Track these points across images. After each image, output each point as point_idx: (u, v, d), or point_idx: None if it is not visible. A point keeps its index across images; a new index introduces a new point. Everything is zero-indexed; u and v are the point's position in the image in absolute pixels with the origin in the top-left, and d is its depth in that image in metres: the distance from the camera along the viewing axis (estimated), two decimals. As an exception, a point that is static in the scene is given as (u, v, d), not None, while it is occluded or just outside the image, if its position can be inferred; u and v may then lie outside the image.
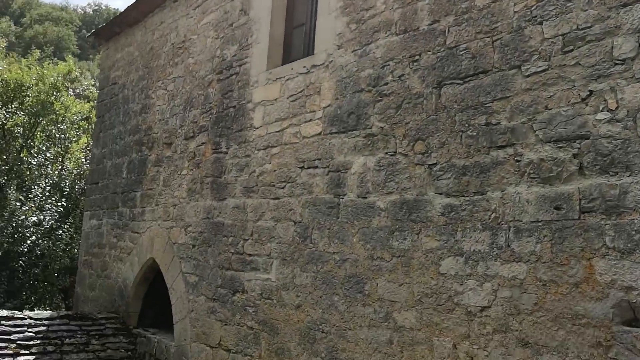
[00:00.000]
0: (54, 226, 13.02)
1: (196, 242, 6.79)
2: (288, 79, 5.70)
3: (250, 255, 5.86)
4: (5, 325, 7.25)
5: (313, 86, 5.37)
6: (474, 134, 3.87)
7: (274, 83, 5.89)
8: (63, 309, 12.15)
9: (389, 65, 4.62)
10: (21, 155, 14.94)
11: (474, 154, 3.85)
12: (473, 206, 3.80)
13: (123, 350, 7.58)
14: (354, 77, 4.93)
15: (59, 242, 12.71)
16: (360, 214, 4.64)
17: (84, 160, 15.34)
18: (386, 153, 4.51)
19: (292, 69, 5.67)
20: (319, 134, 5.21)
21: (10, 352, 6.87)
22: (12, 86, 14.71)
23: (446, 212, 3.97)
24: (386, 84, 4.61)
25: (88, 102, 18.91)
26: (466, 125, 3.93)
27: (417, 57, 4.39)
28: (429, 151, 4.16)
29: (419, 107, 4.30)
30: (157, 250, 7.60)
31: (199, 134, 7.06)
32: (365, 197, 4.62)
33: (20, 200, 12.86)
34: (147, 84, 8.45)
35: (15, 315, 7.57)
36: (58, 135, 15.51)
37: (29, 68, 16.04)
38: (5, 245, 11.86)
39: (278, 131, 5.71)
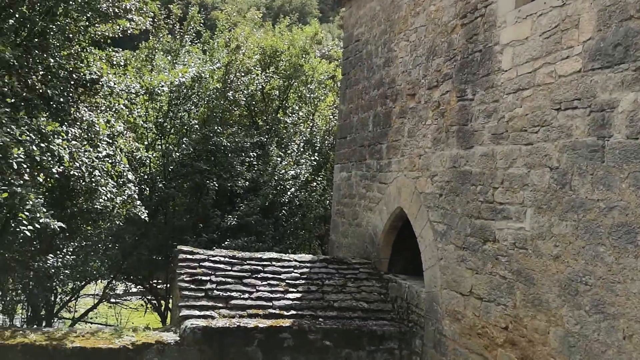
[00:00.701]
0: (309, 179, 14.25)
1: (443, 192, 6.81)
2: (540, 15, 5.28)
3: (500, 203, 5.69)
4: (276, 266, 8.21)
5: (570, 19, 4.89)
6: None
7: (524, 21, 5.52)
8: (320, 254, 13.32)
9: (666, -17, 3.98)
10: (278, 115, 16.52)
11: None
12: None
13: (376, 294, 8.04)
14: (621, 4, 4.35)
15: (313, 193, 13.90)
16: (631, 156, 4.16)
17: (331, 117, 16.38)
18: (664, 86, 3.94)
19: (544, 3, 5.23)
20: (578, 71, 4.76)
21: (281, 289, 7.76)
22: (268, 53, 16.28)
23: None
24: (663, 6, 3.99)
25: (331, 62, 19.99)
26: None
27: None
28: None
29: None
30: (405, 200, 7.82)
31: (442, 82, 6.98)
32: (637, 138, 4.12)
33: (280, 156, 14.32)
34: (389, 37, 8.59)
35: (283, 258, 8.52)
36: (308, 95, 16.79)
37: (281, 35, 17.55)
38: (270, 196, 13.35)
39: (529, 72, 5.36)
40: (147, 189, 12.78)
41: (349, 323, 7.29)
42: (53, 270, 10.36)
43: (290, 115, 16.42)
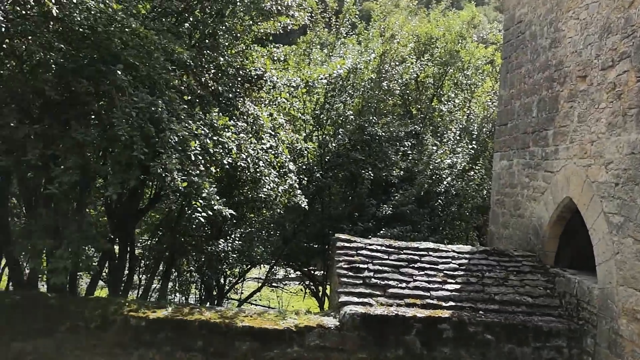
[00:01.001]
0: (466, 168, 13.85)
1: (619, 180, 6.26)
2: None
3: (691, 194, 5.10)
4: (433, 256, 8.10)
5: None
6: None
7: None
8: (478, 245, 12.92)
9: None
10: (432, 103, 16.24)
11: None
12: None
13: (541, 288, 7.62)
14: None
15: (471, 183, 13.46)
16: None
17: (489, 103, 15.75)
18: None
19: None
20: None
21: (439, 279, 7.65)
22: (423, 40, 16.04)
23: None
24: None
25: (487, 46, 19.19)
26: None
27: None
28: None
29: None
30: (574, 189, 7.30)
31: (619, 62, 6.40)
32: None
33: (435, 145, 14.07)
34: (556, 16, 8.04)
35: (440, 248, 8.37)
36: (464, 82, 16.29)
37: (436, 21, 17.19)
38: (425, 185, 13.17)
39: None
40: (305, 179, 13.25)
41: (512, 317, 6.99)
42: (223, 254, 11.20)
43: (446, 103, 16.05)
